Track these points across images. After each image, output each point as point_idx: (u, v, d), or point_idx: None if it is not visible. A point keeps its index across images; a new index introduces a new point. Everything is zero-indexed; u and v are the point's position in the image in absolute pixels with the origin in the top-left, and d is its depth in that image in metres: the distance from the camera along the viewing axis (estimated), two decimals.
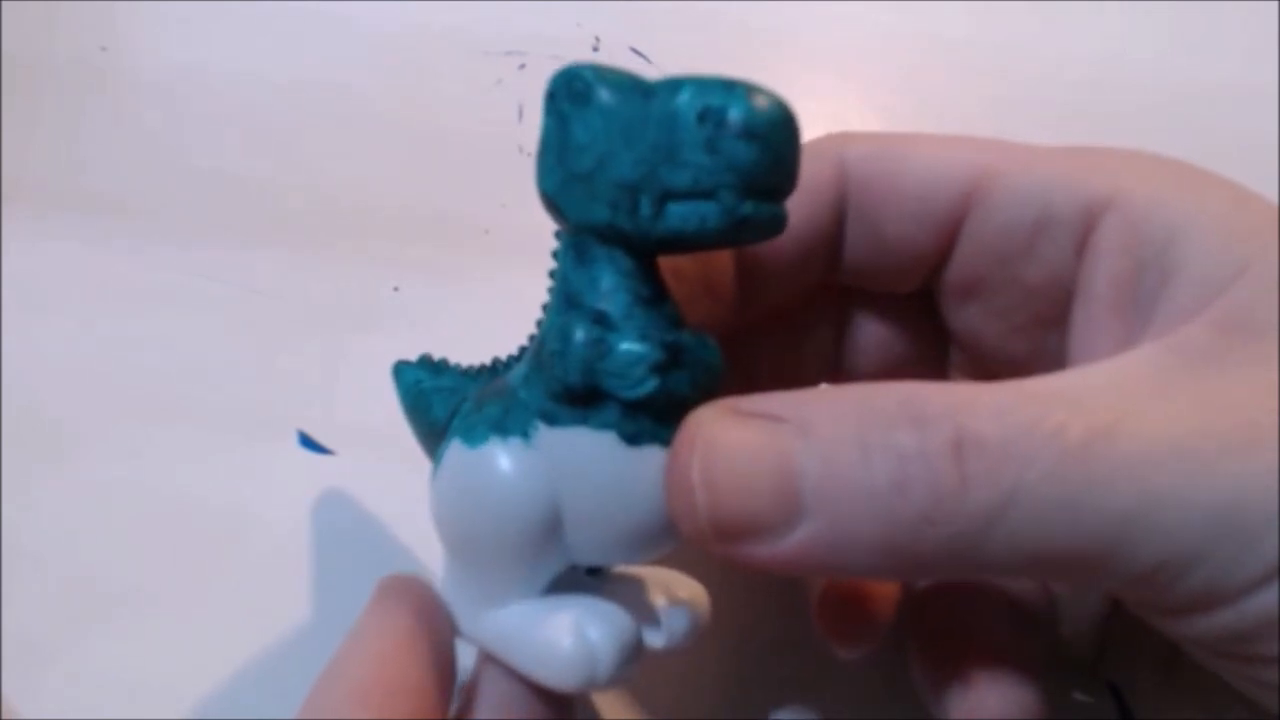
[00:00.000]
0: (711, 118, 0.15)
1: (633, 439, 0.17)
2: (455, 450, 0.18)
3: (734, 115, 0.15)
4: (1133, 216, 0.18)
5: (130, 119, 0.33)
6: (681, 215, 0.16)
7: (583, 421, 0.17)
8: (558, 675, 0.18)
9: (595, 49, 0.33)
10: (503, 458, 0.18)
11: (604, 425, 0.17)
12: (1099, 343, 0.18)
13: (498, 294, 0.20)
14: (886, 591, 0.22)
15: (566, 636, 0.18)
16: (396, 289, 0.30)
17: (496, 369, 0.20)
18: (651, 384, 0.17)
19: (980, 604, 0.21)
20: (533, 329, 0.19)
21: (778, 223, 0.16)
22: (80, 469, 0.28)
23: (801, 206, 0.19)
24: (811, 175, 0.20)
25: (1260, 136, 0.30)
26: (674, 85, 0.16)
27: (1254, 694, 0.17)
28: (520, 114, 0.32)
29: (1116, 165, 0.19)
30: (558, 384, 0.17)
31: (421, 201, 0.31)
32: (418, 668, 0.18)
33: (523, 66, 0.33)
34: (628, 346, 0.17)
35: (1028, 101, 0.32)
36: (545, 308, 0.19)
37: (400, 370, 0.21)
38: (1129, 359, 0.17)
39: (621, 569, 0.20)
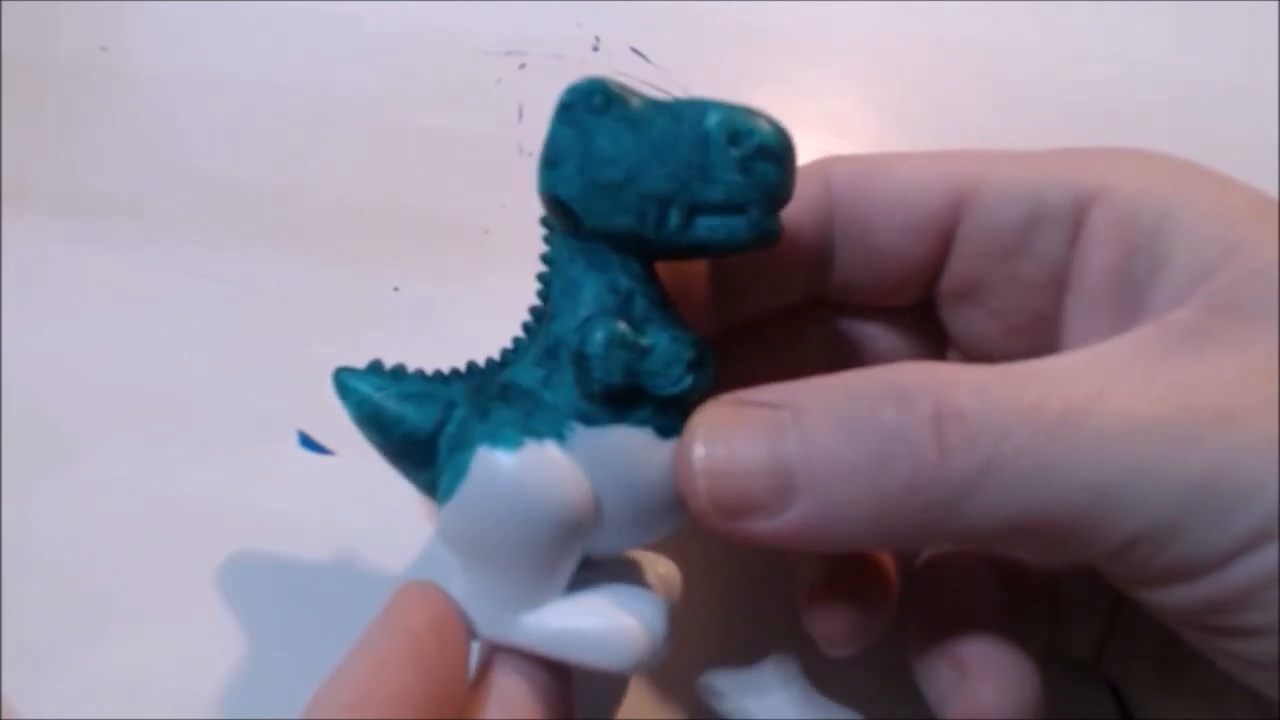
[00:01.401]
0: (744, 140, 0.17)
1: (666, 432, 0.18)
2: (486, 459, 0.18)
3: (764, 138, 0.17)
4: (1123, 205, 0.18)
5: (130, 119, 0.33)
6: (711, 227, 0.18)
7: (621, 420, 0.18)
8: (623, 657, 0.19)
9: (595, 49, 0.33)
10: (546, 461, 0.18)
11: (641, 422, 0.18)
12: (1092, 331, 0.19)
13: (498, 294, 0.20)
14: (877, 591, 0.22)
15: (625, 619, 0.19)
16: (396, 289, 0.30)
17: (474, 372, 0.20)
18: (689, 380, 0.18)
19: (979, 597, 0.21)
20: (519, 332, 0.20)
21: (779, 235, 0.18)
22: (80, 470, 0.28)
23: (784, 225, 0.20)
24: (797, 195, 0.20)
25: (1260, 136, 0.30)
26: (701, 107, 0.17)
27: (1243, 674, 0.17)
28: (520, 114, 0.32)
29: (1104, 160, 0.19)
30: (598, 385, 0.18)
31: (422, 202, 0.31)
32: (420, 675, 0.18)
33: (523, 66, 0.33)
34: (666, 346, 0.18)
35: (1028, 101, 0.32)
36: (535, 311, 0.19)
37: (345, 379, 0.20)
38: (1115, 343, 0.17)
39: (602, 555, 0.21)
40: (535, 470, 0.18)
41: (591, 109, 0.17)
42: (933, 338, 0.23)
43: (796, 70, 0.33)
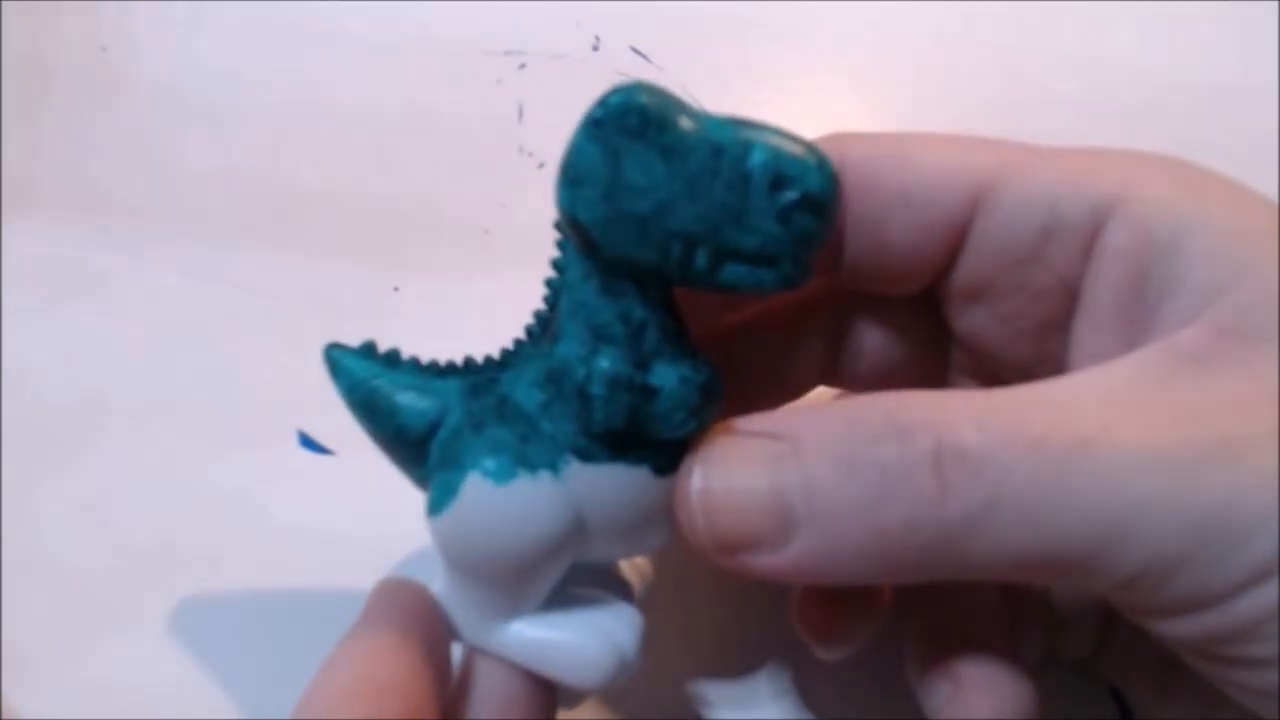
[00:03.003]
0: (787, 189, 0.16)
1: (662, 470, 0.18)
2: (477, 486, 0.18)
3: (808, 190, 0.16)
4: (1138, 220, 0.18)
5: (130, 119, 0.33)
6: (738, 275, 0.17)
7: (619, 459, 0.17)
8: (589, 677, 0.19)
9: (595, 49, 0.33)
10: (535, 497, 0.18)
11: (639, 461, 0.18)
12: (1102, 348, 0.18)
13: (498, 294, 0.20)
14: (869, 594, 0.22)
15: (595, 640, 0.19)
16: (396, 289, 0.30)
17: (471, 369, 0.19)
18: (691, 425, 0.17)
19: (976, 604, 0.21)
20: (521, 334, 0.19)
21: (808, 279, 0.17)
22: (80, 469, 0.28)
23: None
24: None
25: (1260, 135, 0.30)
26: (746, 140, 0.16)
27: (1243, 700, 0.17)
28: (520, 114, 0.32)
29: (1122, 167, 0.19)
30: (599, 426, 0.17)
31: (422, 202, 0.31)
32: (408, 668, 0.18)
33: (523, 66, 0.33)
34: (673, 388, 0.17)
35: (1029, 101, 0.32)
36: (540, 315, 0.19)
37: (338, 357, 0.19)
38: (1121, 365, 0.17)
39: None
40: (526, 505, 0.18)
41: (625, 131, 0.15)
42: (938, 330, 0.22)
43: (796, 69, 0.33)
